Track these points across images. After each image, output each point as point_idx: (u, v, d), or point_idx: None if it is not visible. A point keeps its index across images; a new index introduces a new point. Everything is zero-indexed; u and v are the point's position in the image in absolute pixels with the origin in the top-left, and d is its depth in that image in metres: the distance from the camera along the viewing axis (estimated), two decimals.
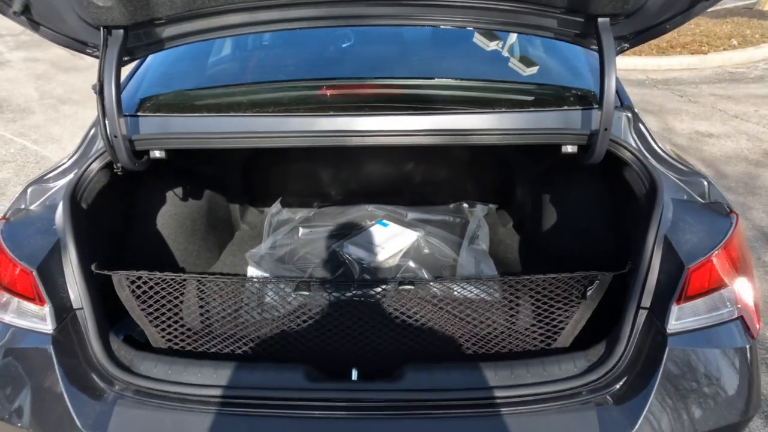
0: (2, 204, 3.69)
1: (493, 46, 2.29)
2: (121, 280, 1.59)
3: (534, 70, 2.13)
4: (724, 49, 6.91)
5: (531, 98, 1.76)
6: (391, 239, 2.38)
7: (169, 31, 1.58)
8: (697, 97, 5.75)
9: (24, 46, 7.88)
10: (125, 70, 1.78)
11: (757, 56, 6.89)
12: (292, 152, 2.60)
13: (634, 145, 1.59)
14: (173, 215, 2.15)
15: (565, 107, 1.63)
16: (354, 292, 2.07)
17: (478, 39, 2.32)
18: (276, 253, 2.37)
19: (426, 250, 2.36)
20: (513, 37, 2.27)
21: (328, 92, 1.81)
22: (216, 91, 1.99)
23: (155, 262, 2.10)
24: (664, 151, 1.61)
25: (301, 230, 2.52)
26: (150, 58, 2.06)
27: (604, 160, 1.57)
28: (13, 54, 7.57)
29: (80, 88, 6.16)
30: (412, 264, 2.20)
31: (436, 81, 1.93)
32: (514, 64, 2.21)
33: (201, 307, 1.85)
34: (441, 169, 2.67)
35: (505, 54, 2.28)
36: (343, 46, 2.21)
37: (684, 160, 1.64)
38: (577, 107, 1.64)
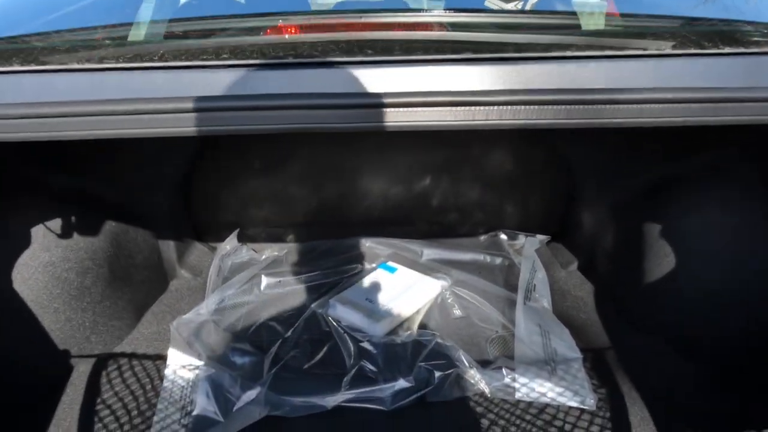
0: None
1: None
2: None
3: None
4: None
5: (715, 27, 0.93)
6: (403, 294, 1.54)
7: None
8: None
9: None
10: None
11: None
12: (253, 156, 1.77)
13: None
14: (43, 266, 1.30)
15: None
16: (350, 392, 1.24)
17: None
18: (224, 320, 1.52)
19: (457, 312, 1.52)
20: None
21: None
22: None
23: (6, 348, 1.25)
24: None
25: (264, 280, 1.67)
26: None
27: None
28: None
29: None
30: (439, 339, 1.36)
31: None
32: None
33: None
34: (469, 184, 1.85)
35: None
36: None
37: None
38: None
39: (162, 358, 1.39)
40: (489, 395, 1.23)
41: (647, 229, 1.39)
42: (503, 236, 1.90)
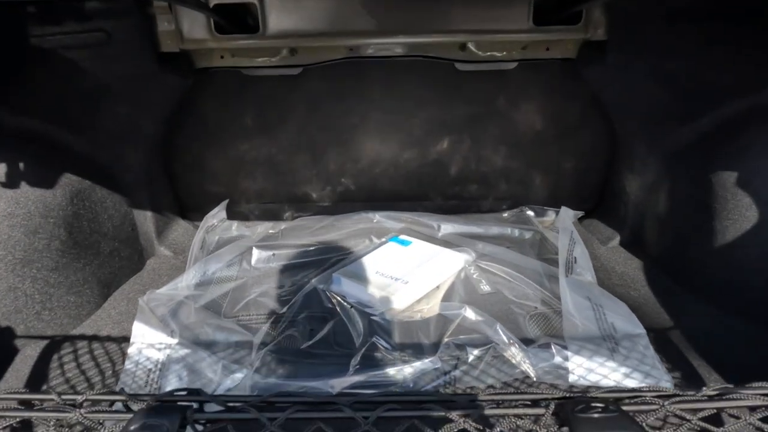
0: None
1: None
2: None
3: None
4: None
5: None
6: (420, 268, 1.29)
7: None
8: None
9: None
10: None
11: None
12: (244, 113, 1.55)
13: None
14: None
15: None
16: (360, 375, 0.99)
17: None
18: (205, 296, 1.26)
19: (485, 287, 1.27)
20: None
21: None
22: None
23: None
24: None
25: (256, 253, 1.42)
26: None
27: None
28: None
29: None
30: (470, 314, 1.10)
31: None
32: None
33: None
34: (492, 148, 1.62)
35: None
36: None
37: None
38: None
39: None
40: (535, 378, 0.97)
41: (719, 179, 1.15)
42: (530, 212, 1.66)
